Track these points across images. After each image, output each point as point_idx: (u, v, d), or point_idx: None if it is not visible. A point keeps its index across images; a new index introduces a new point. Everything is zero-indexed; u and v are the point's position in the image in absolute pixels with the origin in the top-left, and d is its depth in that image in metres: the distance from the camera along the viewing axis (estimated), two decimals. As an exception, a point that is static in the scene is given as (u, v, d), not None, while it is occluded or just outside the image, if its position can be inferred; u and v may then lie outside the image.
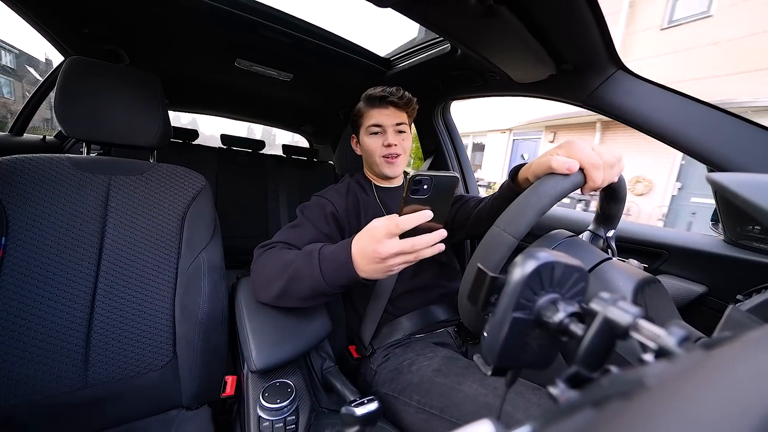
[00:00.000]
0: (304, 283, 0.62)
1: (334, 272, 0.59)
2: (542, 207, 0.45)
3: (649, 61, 7.07)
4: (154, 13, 0.97)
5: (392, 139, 0.87)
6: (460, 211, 0.92)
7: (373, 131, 0.88)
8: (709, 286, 0.75)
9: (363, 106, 0.90)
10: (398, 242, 0.52)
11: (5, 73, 18.77)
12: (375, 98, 0.87)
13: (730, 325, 0.35)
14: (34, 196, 0.69)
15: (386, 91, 0.87)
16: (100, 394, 0.70)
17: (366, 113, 0.89)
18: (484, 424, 0.17)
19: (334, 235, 0.83)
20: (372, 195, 0.94)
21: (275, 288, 0.66)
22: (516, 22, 0.65)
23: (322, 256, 0.61)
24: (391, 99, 0.86)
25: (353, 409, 0.53)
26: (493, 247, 0.45)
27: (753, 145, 0.64)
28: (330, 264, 0.60)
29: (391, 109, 0.88)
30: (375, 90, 0.88)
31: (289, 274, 0.64)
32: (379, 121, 0.87)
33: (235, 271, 1.15)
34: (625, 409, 0.13)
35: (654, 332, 0.20)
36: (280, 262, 0.67)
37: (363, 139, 0.91)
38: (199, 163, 1.86)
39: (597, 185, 0.50)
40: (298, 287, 0.63)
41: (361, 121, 0.90)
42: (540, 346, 0.26)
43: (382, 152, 0.88)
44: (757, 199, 0.28)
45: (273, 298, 0.67)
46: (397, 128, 0.88)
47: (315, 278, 0.60)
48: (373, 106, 0.88)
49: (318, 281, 0.60)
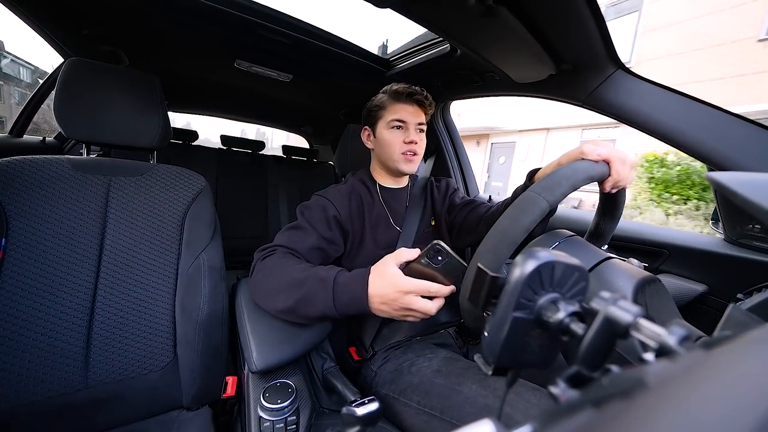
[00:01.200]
0: (314, 308, 0.63)
1: (347, 305, 0.61)
2: (576, 182, 0.49)
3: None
4: (153, 14, 0.97)
5: (414, 136, 0.86)
6: (471, 214, 0.91)
7: (395, 125, 0.87)
8: (710, 285, 0.75)
9: (386, 99, 0.89)
10: (414, 282, 0.58)
11: (21, 87, 19.30)
12: (401, 93, 0.87)
13: (730, 324, 0.35)
14: (34, 197, 0.69)
15: (412, 88, 0.87)
16: (101, 395, 0.70)
17: (389, 107, 0.88)
18: (485, 424, 0.17)
19: (336, 240, 0.82)
20: (376, 196, 0.93)
21: (281, 303, 0.66)
22: (515, 22, 0.65)
23: (337, 286, 0.62)
24: (417, 97, 0.86)
25: (354, 410, 0.53)
26: (525, 208, 0.45)
27: (753, 144, 0.64)
28: (344, 296, 0.61)
29: (416, 107, 0.88)
30: (399, 85, 0.88)
31: (299, 295, 0.64)
32: (403, 116, 0.86)
33: (235, 271, 1.15)
34: (625, 408, 0.13)
35: (654, 331, 0.20)
36: (287, 277, 0.66)
37: (382, 132, 0.89)
38: (198, 164, 1.86)
39: (619, 179, 0.54)
40: (308, 310, 0.64)
41: (382, 113, 0.89)
42: (540, 346, 0.26)
43: (403, 148, 0.87)
44: (757, 198, 0.28)
45: (277, 311, 0.68)
46: (418, 127, 0.88)
47: (327, 306, 0.62)
48: (398, 101, 0.87)
49: (329, 309, 0.62)
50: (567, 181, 0.48)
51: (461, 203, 0.97)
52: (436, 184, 1.05)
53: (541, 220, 0.46)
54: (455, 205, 0.98)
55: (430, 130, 1.46)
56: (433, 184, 1.04)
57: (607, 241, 0.64)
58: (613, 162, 0.53)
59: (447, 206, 1.00)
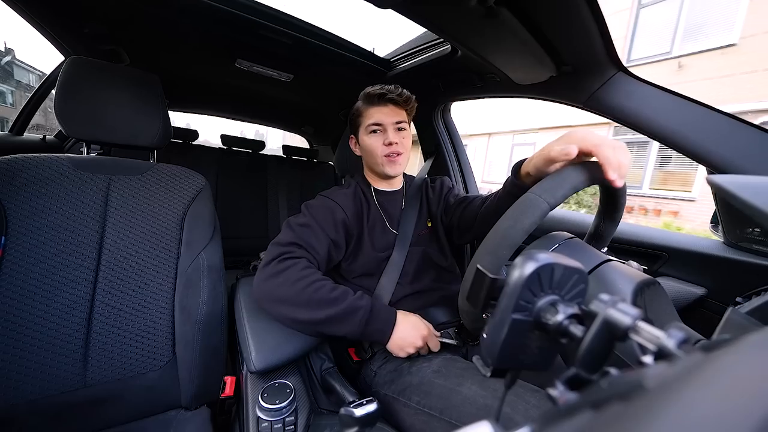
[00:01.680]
0: (341, 328, 0.70)
1: (371, 333, 0.71)
2: (577, 184, 0.48)
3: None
4: (154, 13, 0.97)
5: (393, 137, 0.85)
6: (466, 211, 0.91)
7: (372, 130, 0.87)
8: (709, 288, 0.75)
9: (361, 105, 0.89)
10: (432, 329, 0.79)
11: (30, 92, 19.81)
12: (373, 96, 0.86)
13: (729, 328, 0.35)
14: (34, 195, 0.69)
15: (384, 89, 0.86)
16: (100, 394, 0.70)
17: (365, 112, 0.88)
18: (483, 425, 0.17)
19: (340, 243, 0.83)
20: (372, 199, 0.93)
21: (303, 314, 0.68)
22: (516, 24, 0.66)
23: (371, 318, 0.71)
24: (390, 96, 0.85)
25: (352, 410, 0.53)
26: (525, 210, 0.45)
27: (753, 147, 0.64)
28: (373, 326, 0.71)
29: (391, 106, 0.87)
30: (373, 88, 0.87)
31: (331, 313, 0.68)
32: (379, 119, 0.86)
33: (234, 271, 1.15)
34: (624, 411, 0.13)
35: (653, 334, 0.20)
36: (318, 294, 0.69)
37: (362, 138, 0.90)
38: (199, 164, 1.86)
39: (613, 163, 0.49)
40: (334, 328, 0.70)
41: (360, 120, 0.89)
42: (539, 348, 0.26)
43: (384, 151, 0.86)
44: (757, 201, 0.28)
45: (293, 321, 0.70)
46: (397, 126, 0.87)
47: (353, 330, 0.70)
48: (372, 105, 0.87)
49: (354, 333, 0.70)
50: (568, 183, 0.47)
51: (455, 202, 0.97)
52: (431, 184, 1.05)
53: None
54: (450, 205, 0.98)
55: (431, 131, 1.46)
56: (428, 185, 1.04)
57: (606, 244, 0.64)
58: (596, 151, 0.50)
59: (443, 207, 1.00)
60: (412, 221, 0.94)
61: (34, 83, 20.86)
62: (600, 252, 0.50)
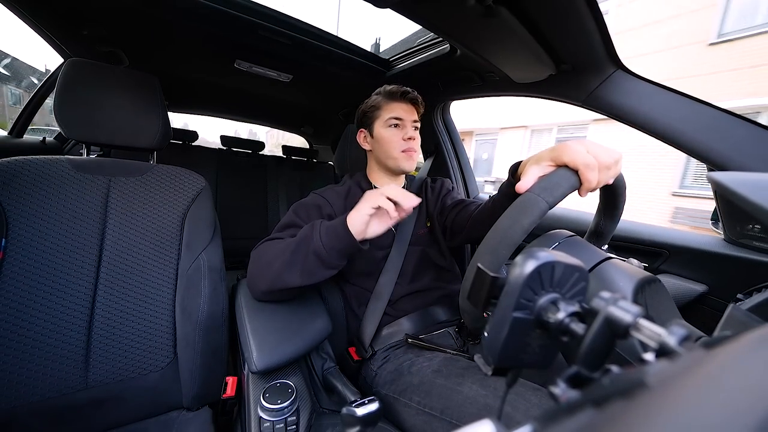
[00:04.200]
0: (310, 258, 0.67)
1: (333, 237, 0.66)
2: (575, 183, 0.48)
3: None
4: (153, 15, 0.97)
5: (412, 133, 0.89)
6: (460, 214, 0.91)
7: (392, 123, 0.89)
8: (710, 285, 0.75)
9: (381, 99, 0.91)
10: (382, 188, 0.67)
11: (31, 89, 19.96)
12: (395, 93, 0.90)
13: (730, 324, 0.35)
14: (34, 197, 0.69)
15: (404, 88, 0.90)
16: (101, 395, 0.70)
17: (385, 106, 0.90)
18: (485, 424, 0.17)
19: None
20: None
21: (276, 268, 0.68)
22: (515, 23, 0.66)
23: (323, 227, 0.68)
24: (411, 95, 0.90)
25: (354, 410, 0.53)
26: (525, 209, 0.45)
27: (753, 144, 0.64)
28: (331, 231, 0.67)
29: (410, 105, 0.91)
30: (392, 86, 0.91)
31: (291, 248, 0.68)
32: (400, 114, 0.89)
33: (235, 272, 1.15)
34: (626, 408, 0.13)
35: (654, 331, 0.20)
36: (278, 245, 0.71)
37: (380, 131, 0.90)
38: (198, 164, 1.86)
39: (592, 186, 0.49)
40: (308, 263, 0.67)
41: (378, 113, 0.91)
42: (540, 346, 0.26)
43: (403, 146, 0.88)
44: (757, 198, 0.28)
45: (270, 281, 0.69)
46: (413, 124, 0.91)
47: (319, 248, 0.66)
48: (394, 100, 0.90)
49: (321, 252, 0.66)
50: (567, 183, 0.47)
51: (451, 204, 0.98)
52: (431, 184, 1.05)
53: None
54: (446, 206, 0.99)
55: (430, 130, 1.46)
56: (428, 185, 1.05)
57: (607, 241, 0.64)
58: (581, 171, 0.48)
59: (439, 208, 1.00)
60: (411, 221, 0.94)
61: (34, 80, 20.92)
62: (600, 250, 0.50)
